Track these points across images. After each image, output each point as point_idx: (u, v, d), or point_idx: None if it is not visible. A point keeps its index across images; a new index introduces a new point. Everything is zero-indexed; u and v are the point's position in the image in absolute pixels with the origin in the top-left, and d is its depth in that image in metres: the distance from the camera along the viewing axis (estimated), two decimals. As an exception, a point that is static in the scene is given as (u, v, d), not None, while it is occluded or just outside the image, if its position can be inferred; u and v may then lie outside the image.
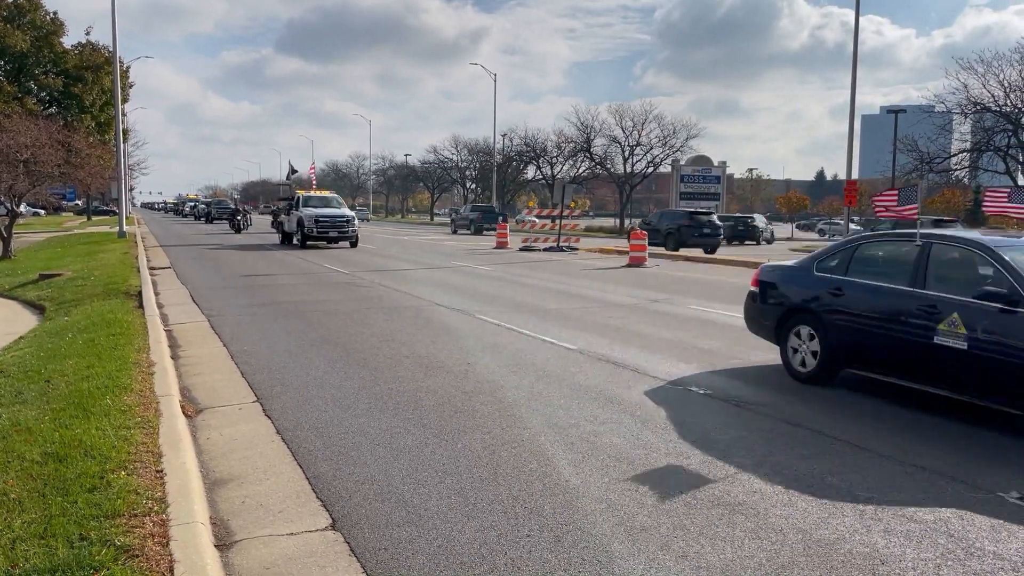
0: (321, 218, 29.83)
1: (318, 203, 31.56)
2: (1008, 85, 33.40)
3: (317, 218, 29.70)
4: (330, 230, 29.86)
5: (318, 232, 29.61)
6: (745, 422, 6.66)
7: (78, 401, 6.44)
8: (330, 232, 29.88)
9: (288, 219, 32.36)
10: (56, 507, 4.36)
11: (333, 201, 32.76)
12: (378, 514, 4.69)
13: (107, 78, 48.29)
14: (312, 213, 29.91)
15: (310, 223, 29.51)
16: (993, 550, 4.24)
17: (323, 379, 8.10)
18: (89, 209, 78.37)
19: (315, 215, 29.81)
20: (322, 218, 29.86)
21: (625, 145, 64.57)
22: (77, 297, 14.10)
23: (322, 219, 29.83)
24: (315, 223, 29.54)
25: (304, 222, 29.80)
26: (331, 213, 30.47)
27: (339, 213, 30.81)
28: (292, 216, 31.54)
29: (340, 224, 30.17)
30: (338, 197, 34.14)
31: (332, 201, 32.67)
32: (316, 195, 32.79)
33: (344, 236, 30.32)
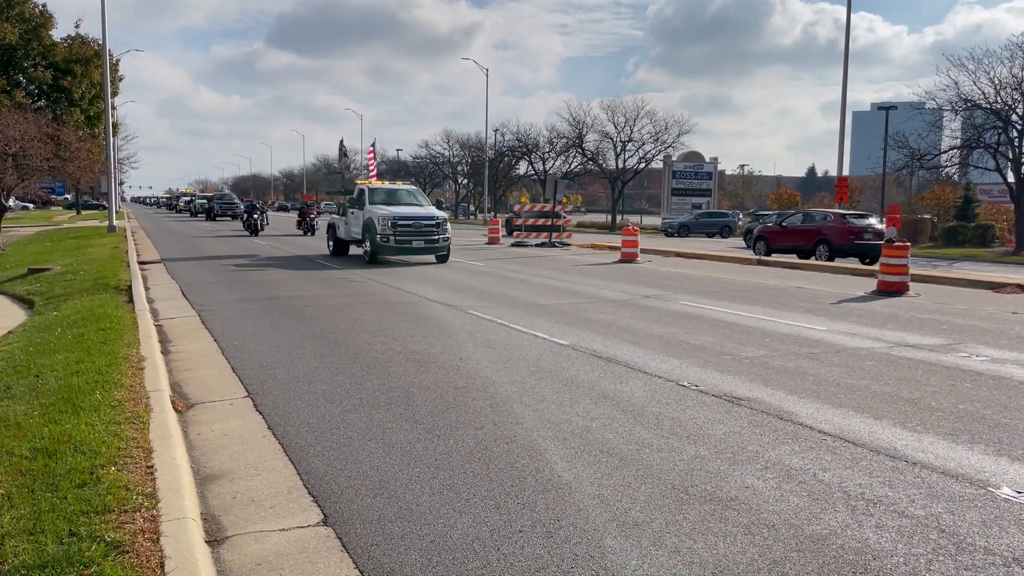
0: (402, 221, 21.05)
1: (389, 198, 23.06)
2: (998, 82, 33.50)
3: (396, 220, 20.96)
4: (413, 238, 21.15)
5: (397, 241, 20.97)
6: (737, 417, 6.67)
7: (67, 396, 6.40)
8: (413, 241, 21.13)
9: (346, 221, 23.60)
10: (45, 503, 4.33)
11: (410, 195, 23.87)
12: (370, 509, 4.68)
13: (96, 71, 48.01)
14: (387, 213, 21.16)
15: (385, 227, 20.86)
16: (984, 545, 4.25)
17: (314, 374, 8.07)
18: (78, 203, 77.97)
19: (392, 216, 21.05)
20: (403, 221, 21.07)
21: (617, 141, 64.64)
22: (66, 292, 14.02)
23: (403, 222, 21.06)
24: (393, 227, 20.92)
25: (375, 225, 21.07)
26: (414, 213, 21.59)
27: (425, 213, 21.79)
28: (353, 217, 22.95)
29: (427, 229, 21.32)
30: (417, 189, 24.91)
31: (408, 195, 23.83)
32: (386, 186, 24.17)
33: (432, 247, 21.50)
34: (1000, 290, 17.25)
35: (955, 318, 12.62)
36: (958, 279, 19.29)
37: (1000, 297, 16.16)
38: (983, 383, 8.01)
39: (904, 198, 68.05)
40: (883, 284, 16.30)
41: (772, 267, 23.31)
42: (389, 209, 21.61)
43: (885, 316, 12.74)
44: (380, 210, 21.45)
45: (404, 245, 21.11)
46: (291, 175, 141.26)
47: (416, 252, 21.51)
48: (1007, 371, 8.57)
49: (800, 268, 22.77)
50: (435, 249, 21.55)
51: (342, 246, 24.36)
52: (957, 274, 20.94)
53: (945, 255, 33.21)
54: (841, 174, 37.78)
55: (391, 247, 21.11)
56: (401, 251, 21.25)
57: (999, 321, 12.39)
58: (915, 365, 8.82)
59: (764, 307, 13.47)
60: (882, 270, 16.54)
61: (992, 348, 9.91)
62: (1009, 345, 10.16)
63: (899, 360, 9.10)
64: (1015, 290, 17.07)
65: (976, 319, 12.55)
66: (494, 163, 76.15)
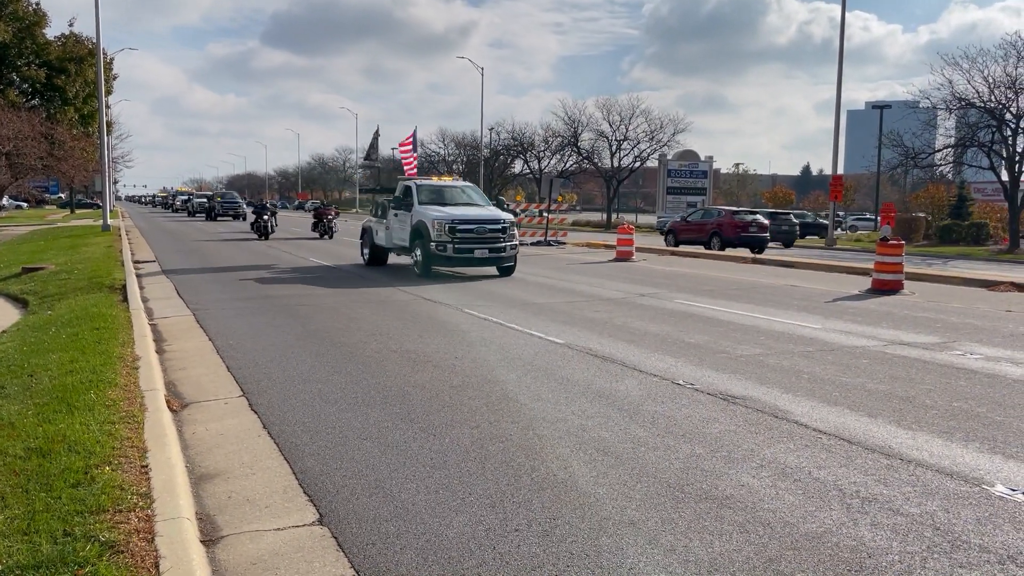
0: (462, 225, 17.23)
1: (441, 197, 18.96)
2: (992, 81, 33.56)
3: (455, 224, 17.14)
4: (476, 246, 17.32)
5: (457, 250, 17.15)
6: (732, 416, 6.67)
7: (62, 396, 6.38)
8: (475, 250, 17.30)
9: (387, 225, 19.66)
10: (39, 503, 4.32)
11: (465, 192, 19.79)
12: (366, 509, 4.67)
13: (90, 70, 47.89)
14: (443, 216, 17.31)
15: (441, 233, 17.08)
16: (979, 543, 4.26)
17: (310, 374, 8.06)
18: (72, 202, 77.79)
19: (449, 219, 17.21)
20: (463, 225, 17.26)
21: (612, 140, 64.65)
22: (61, 291, 13.98)
23: (464, 227, 17.24)
24: (451, 233, 17.09)
25: (428, 230, 17.27)
26: (475, 216, 17.73)
27: (488, 216, 17.93)
28: (396, 220, 19.11)
29: (492, 235, 17.53)
30: (473, 187, 20.90)
31: (464, 192, 19.75)
32: (438, 183, 19.96)
33: (497, 257, 17.75)
34: (994, 288, 17.30)
35: (949, 316, 12.65)
36: (952, 277, 19.34)
37: (994, 295, 16.21)
38: (977, 381, 8.03)
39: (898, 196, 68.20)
40: (878, 282, 16.34)
41: (767, 265, 23.35)
42: (445, 211, 17.61)
43: (880, 314, 12.76)
44: (433, 212, 17.45)
45: (464, 255, 17.19)
46: (286, 174, 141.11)
47: (479, 263, 17.76)
48: (1001, 369, 8.60)
49: (795, 267, 22.81)
50: (500, 259, 17.75)
51: (380, 254, 20.47)
52: (951, 272, 21.00)
53: (939, 253, 33.29)
54: (836, 173, 37.88)
55: (448, 257, 17.21)
56: (460, 262, 17.50)
57: (993, 319, 12.42)
58: (910, 363, 8.84)
59: (759, 305, 13.49)
60: (877, 268, 16.57)
61: (986, 346, 9.94)
62: (1003, 343, 10.18)
63: (894, 358, 9.12)
64: (1009, 288, 17.12)
65: (970, 317, 12.59)
66: (489, 162, 76.13)
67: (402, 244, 18.92)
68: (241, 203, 55.44)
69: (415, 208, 18.20)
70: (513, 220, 18.42)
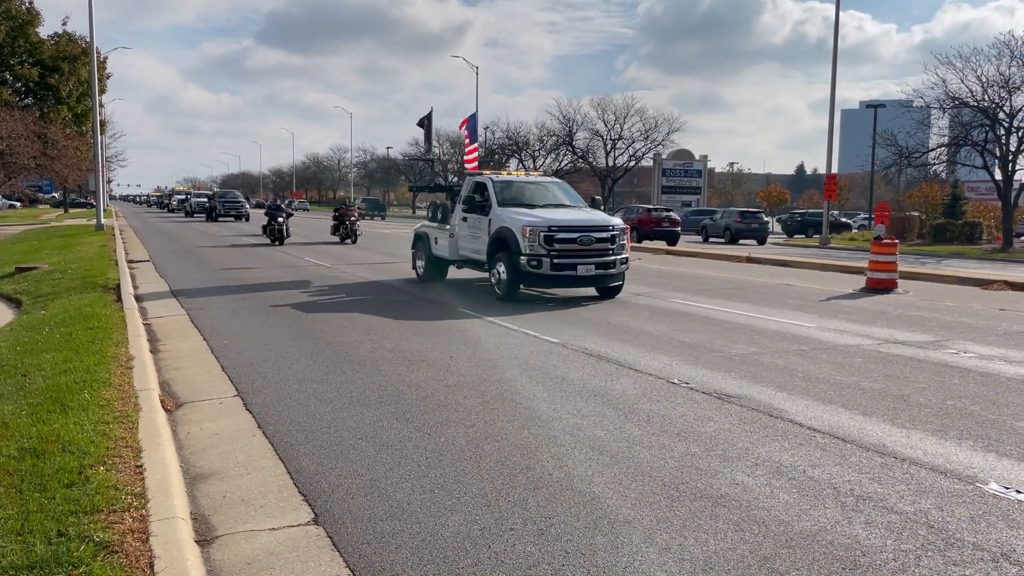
0: (562, 233, 13.30)
1: (525, 196, 14.85)
2: (986, 80, 33.66)
3: (553, 231, 13.22)
4: (580, 260, 13.38)
5: (555, 265, 13.15)
6: (727, 415, 6.68)
7: (56, 396, 6.36)
8: (579, 265, 13.36)
9: (451, 231, 15.81)
10: (33, 503, 4.30)
11: (552, 191, 15.48)
12: (361, 508, 4.67)
13: (84, 69, 47.77)
14: (537, 221, 13.39)
15: (534, 242, 13.14)
16: (973, 541, 4.28)
17: (304, 373, 8.05)
18: (66, 202, 77.53)
19: (545, 224, 13.29)
20: (564, 233, 13.32)
21: (607, 139, 64.65)
22: (54, 291, 13.94)
23: (564, 235, 13.31)
24: (547, 243, 13.13)
25: (515, 239, 13.34)
26: (577, 220, 13.83)
27: (593, 221, 13.93)
28: (466, 225, 15.22)
29: (599, 246, 13.55)
30: (560, 183, 16.41)
31: (551, 191, 15.49)
32: (522, 179, 15.82)
33: (605, 274, 13.69)
34: (988, 287, 17.36)
35: (943, 315, 12.69)
36: (946, 276, 19.40)
37: (988, 294, 16.26)
38: (971, 379, 8.05)
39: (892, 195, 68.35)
40: (872, 281, 16.37)
41: (762, 264, 23.39)
42: (536, 214, 13.65)
43: (874, 313, 12.79)
44: (522, 216, 13.52)
45: (565, 273, 13.18)
46: (280, 173, 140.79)
47: (582, 283, 13.61)
48: (994, 367, 8.62)
49: (790, 266, 22.85)
50: (608, 277, 13.64)
51: (439, 267, 16.54)
52: (945, 271, 21.05)
53: (933, 252, 33.38)
54: (830, 172, 37.96)
55: (543, 275, 13.19)
56: (559, 281, 13.45)
57: (987, 318, 12.46)
58: (904, 362, 8.86)
59: (754, 304, 13.51)
60: (871, 267, 16.61)
61: (980, 345, 9.97)
62: (996, 342, 10.22)
63: (888, 357, 9.14)
64: (1002, 287, 17.18)
65: (964, 316, 12.62)
66: (484, 161, 76.12)
67: (475, 257, 14.94)
68: (244, 203, 51.84)
69: (494, 211, 14.11)
70: (624, 227, 14.21)
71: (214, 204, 50.06)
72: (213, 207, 49.64)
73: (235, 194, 54.54)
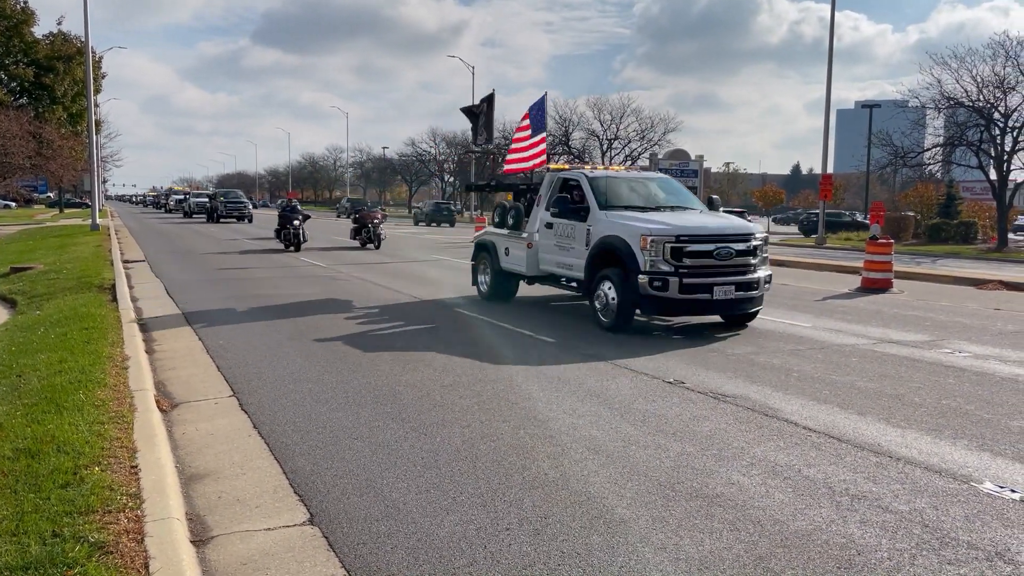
0: (696, 243, 10.30)
1: (631, 195, 12.05)
2: (981, 80, 33.70)
3: (680, 240, 10.20)
4: (717, 279, 10.29)
5: (685, 286, 10.08)
6: (722, 414, 6.69)
7: (50, 396, 6.34)
8: (716, 285, 10.23)
9: (534, 239, 12.75)
10: (28, 504, 4.29)
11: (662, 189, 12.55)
12: (356, 508, 4.67)
13: (79, 68, 47.65)
14: (658, 228, 10.37)
15: (657, 255, 10.15)
16: (967, 540, 4.29)
17: (300, 373, 8.04)
18: (61, 202, 77.39)
19: (672, 232, 10.27)
20: (695, 242, 10.30)
21: (603, 139, 64.67)
22: (49, 291, 13.90)
23: (696, 245, 10.29)
24: (674, 256, 10.14)
25: (630, 250, 10.38)
26: (708, 225, 10.81)
27: (729, 227, 10.94)
28: (558, 232, 12.12)
29: (738, 263, 10.50)
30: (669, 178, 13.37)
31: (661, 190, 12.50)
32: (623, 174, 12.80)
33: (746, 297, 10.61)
34: (983, 287, 17.40)
35: (938, 315, 12.72)
36: (941, 276, 19.44)
37: (983, 294, 16.30)
38: (966, 379, 8.07)
39: (888, 195, 68.46)
40: (867, 281, 16.40)
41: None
42: (657, 219, 10.67)
43: (869, 313, 12.82)
44: (637, 222, 10.57)
45: (697, 296, 10.17)
46: (276, 173, 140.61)
47: (718, 308, 10.58)
48: (989, 367, 8.65)
49: (786, 265, 22.88)
50: (749, 300, 10.60)
51: (507, 284, 13.56)
52: (940, 271, 21.10)
53: (928, 252, 33.44)
54: (825, 172, 38.00)
55: (668, 300, 10.17)
56: (690, 307, 10.49)
57: (981, 317, 12.49)
58: (899, 361, 8.88)
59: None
60: (866, 267, 16.64)
61: (975, 344, 10.00)
62: (991, 341, 10.24)
63: (883, 356, 9.16)
64: (997, 287, 17.23)
65: (959, 315, 12.65)
66: (480, 161, 76.15)
67: (563, 272, 11.94)
68: (247, 203, 49.36)
69: (595, 215, 11.19)
70: (765, 234, 11.24)
71: (215, 204, 47.43)
72: (214, 207, 47.12)
73: (237, 194, 51.48)
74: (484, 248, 14.10)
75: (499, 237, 13.64)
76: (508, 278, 13.51)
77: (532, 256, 12.71)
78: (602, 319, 10.77)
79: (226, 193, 51.17)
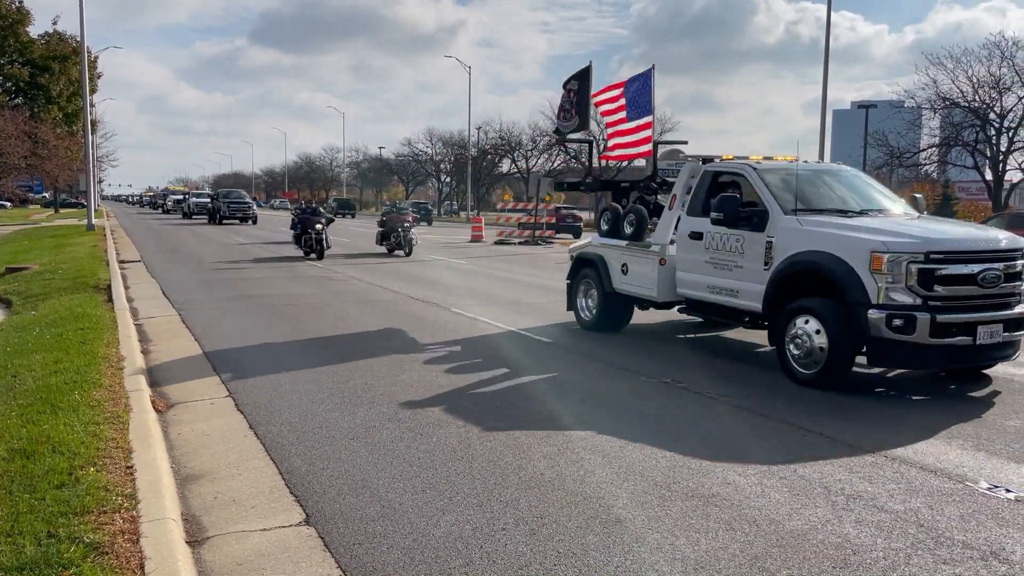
0: (950, 259, 7.22)
1: (817, 194, 8.79)
2: (976, 81, 33.81)
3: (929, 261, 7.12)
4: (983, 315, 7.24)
5: (940, 328, 7.02)
6: (719, 414, 6.70)
7: (46, 396, 6.33)
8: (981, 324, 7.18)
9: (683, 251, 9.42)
10: (23, 504, 4.28)
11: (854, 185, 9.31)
12: (352, 509, 4.66)
13: (75, 68, 47.54)
14: (900, 241, 7.28)
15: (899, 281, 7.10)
16: (963, 539, 4.30)
17: (296, 373, 8.03)
18: (56, 202, 77.22)
19: (919, 246, 7.20)
20: (953, 259, 7.24)
21: (599, 139, 64.71)
22: (45, 291, 13.87)
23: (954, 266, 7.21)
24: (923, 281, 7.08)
25: (852, 276, 7.29)
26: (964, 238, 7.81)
27: (986, 239, 7.73)
28: (715, 242, 8.87)
29: (1007, 290, 7.43)
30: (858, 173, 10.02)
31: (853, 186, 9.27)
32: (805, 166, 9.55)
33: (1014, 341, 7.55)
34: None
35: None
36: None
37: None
38: (963, 379, 8.08)
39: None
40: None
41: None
42: (886, 228, 7.90)
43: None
44: (856, 232, 7.76)
45: (957, 340, 7.23)
46: (272, 173, 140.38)
47: (978, 356, 7.66)
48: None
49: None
50: (1012, 344, 7.73)
51: (619, 311, 10.75)
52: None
53: (924, 252, 33.49)
54: (822, 172, 37.99)
55: (919, 348, 7.25)
56: (944, 355, 7.39)
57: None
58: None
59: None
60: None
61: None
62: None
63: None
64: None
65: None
66: (477, 161, 76.08)
67: (727, 300, 8.91)
68: (251, 203, 47.18)
69: (779, 221, 8.30)
70: None
71: (218, 205, 44.71)
72: (217, 208, 44.37)
73: (240, 194, 49.10)
74: (587, 264, 10.99)
75: (611, 250, 10.56)
76: (622, 302, 10.53)
77: (666, 275, 9.60)
78: (798, 370, 7.77)
79: (228, 193, 48.81)
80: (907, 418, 6.66)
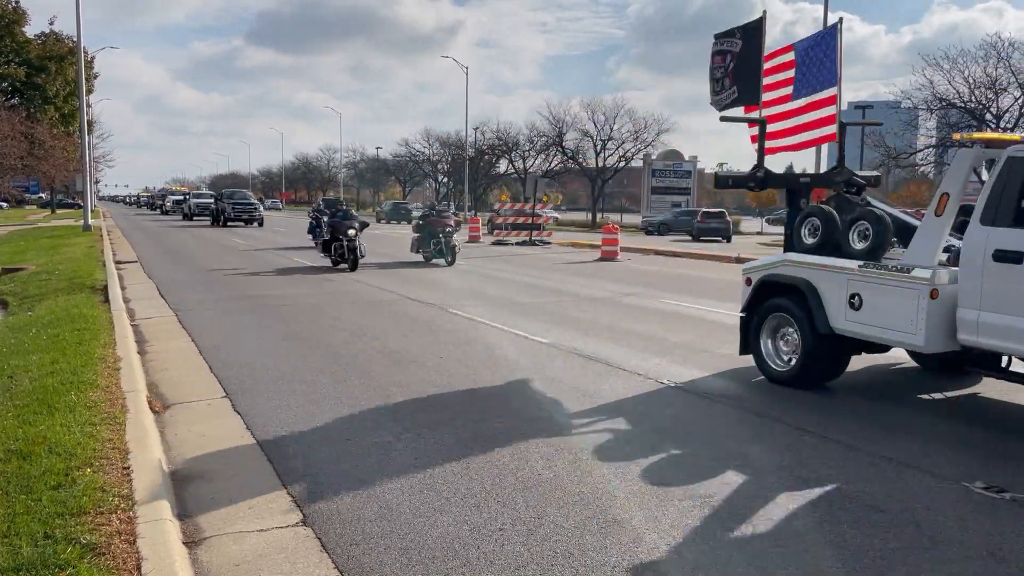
0: None
1: None
2: (973, 82, 33.84)
3: None
4: None
5: None
6: (716, 415, 6.71)
7: (42, 397, 6.32)
8: None
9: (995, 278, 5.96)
10: (20, 505, 4.27)
11: None
12: (349, 509, 4.66)
13: (71, 68, 47.51)
14: None
15: None
16: (959, 539, 4.31)
17: (293, 374, 8.02)
18: (53, 202, 77.08)
19: None
20: None
21: (597, 139, 64.69)
22: (41, 292, 13.85)
23: None
24: None
25: None
26: None
27: None
28: None
29: None
30: None
31: None
32: None
33: None
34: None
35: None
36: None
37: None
38: (959, 379, 8.10)
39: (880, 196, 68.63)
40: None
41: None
42: None
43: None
44: None
45: None
46: (269, 173, 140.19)
47: None
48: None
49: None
50: None
51: (829, 357, 7.47)
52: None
53: (921, 252, 33.54)
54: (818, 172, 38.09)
55: None
56: None
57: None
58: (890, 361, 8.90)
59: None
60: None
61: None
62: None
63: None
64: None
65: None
66: (474, 161, 76.09)
67: None
68: (257, 204, 44.94)
69: None
70: None
71: (222, 206, 42.22)
72: (221, 209, 42.03)
73: (245, 194, 46.74)
74: (781, 291, 7.84)
75: (828, 273, 7.33)
76: (839, 348, 7.43)
77: (941, 313, 6.46)
78: None
79: (233, 193, 46.01)
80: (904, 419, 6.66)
